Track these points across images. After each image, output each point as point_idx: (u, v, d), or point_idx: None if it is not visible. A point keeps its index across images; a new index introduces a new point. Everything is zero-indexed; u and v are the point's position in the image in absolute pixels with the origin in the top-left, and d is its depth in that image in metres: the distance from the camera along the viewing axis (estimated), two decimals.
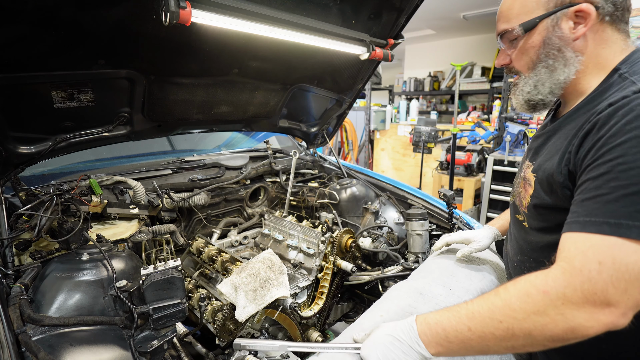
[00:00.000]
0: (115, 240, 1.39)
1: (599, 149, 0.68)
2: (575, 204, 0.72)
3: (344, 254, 1.56)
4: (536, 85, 0.87)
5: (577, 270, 0.63)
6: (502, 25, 0.90)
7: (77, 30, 1.05)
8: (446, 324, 0.74)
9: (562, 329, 0.63)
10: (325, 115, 2.28)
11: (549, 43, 0.83)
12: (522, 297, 0.68)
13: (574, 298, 0.62)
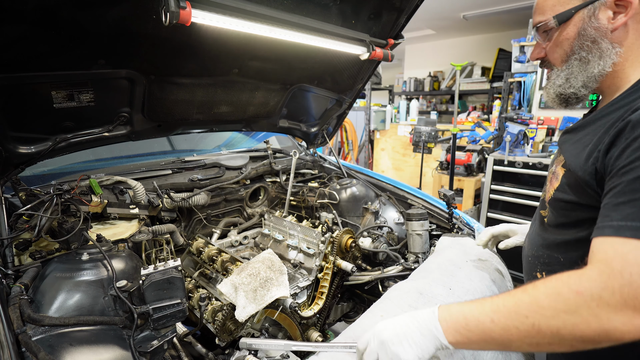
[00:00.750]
0: (115, 240, 1.39)
1: (635, 151, 0.64)
2: (608, 208, 0.67)
3: (344, 254, 1.56)
4: (568, 79, 0.84)
5: (617, 273, 0.59)
6: (537, 17, 0.86)
7: (77, 30, 1.05)
8: (468, 313, 0.71)
9: (595, 330, 0.60)
10: (325, 115, 2.28)
11: (583, 34, 0.79)
12: (552, 295, 0.64)
13: (612, 301, 0.59)
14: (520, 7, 4.95)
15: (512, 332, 0.66)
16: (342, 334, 1.01)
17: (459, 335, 0.71)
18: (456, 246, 1.47)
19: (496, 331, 0.67)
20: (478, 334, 0.69)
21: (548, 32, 0.85)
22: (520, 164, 3.01)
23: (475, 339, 0.70)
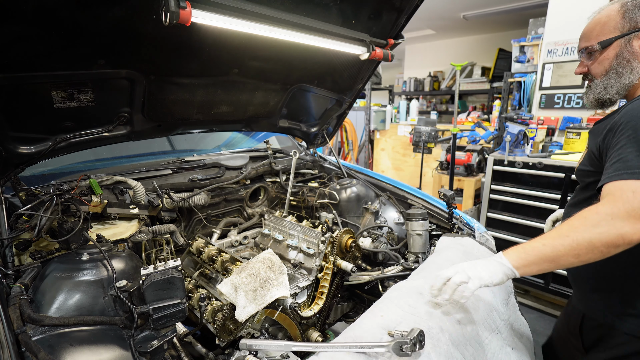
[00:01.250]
0: (115, 240, 1.39)
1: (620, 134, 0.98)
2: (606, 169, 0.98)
3: (344, 254, 1.56)
4: (605, 87, 1.11)
5: (618, 198, 0.88)
6: (583, 43, 1.15)
7: (77, 30, 1.05)
8: (524, 244, 0.97)
9: (614, 236, 0.86)
10: (325, 115, 2.28)
11: (620, 56, 1.07)
12: (580, 218, 0.91)
13: (620, 214, 0.86)
14: (520, 7, 4.95)
15: (559, 249, 0.91)
16: (342, 334, 1.01)
17: (520, 260, 0.95)
18: (456, 246, 1.47)
19: (547, 251, 0.92)
20: (534, 255, 0.94)
21: (592, 54, 1.13)
22: (520, 164, 3.01)
23: (533, 260, 0.94)
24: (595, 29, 1.12)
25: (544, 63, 3.49)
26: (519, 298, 1.45)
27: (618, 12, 1.08)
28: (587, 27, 1.15)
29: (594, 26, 1.13)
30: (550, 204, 2.88)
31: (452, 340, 1.01)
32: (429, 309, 1.08)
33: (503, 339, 1.22)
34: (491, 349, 1.14)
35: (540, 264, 0.94)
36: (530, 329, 1.40)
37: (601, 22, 1.11)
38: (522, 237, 3.09)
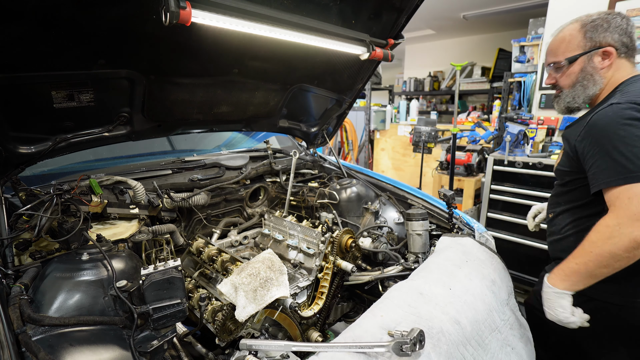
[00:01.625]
0: (115, 240, 1.39)
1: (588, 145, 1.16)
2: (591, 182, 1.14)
3: (344, 254, 1.56)
4: (574, 97, 1.29)
5: (618, 207, 1.01)
6: (551, 58, 1.32)
7: (77, 30, 1.05)
8: (561, 266, 1.17)
9: (628, 241, 0.98)
10: (325, 115, 2.28)
11: (584, 70, 1.24)
12: (595, 234, 1.06)
13: (625, 222, 0.98)
14: (520, 7, 4.95)
15: (589, 265, 1.07)
16: (342, 334, 1.01)
17: (564, 282, 1.14)
18: (456, 246, 1.47)
19: (581, 269, 1.09)
20: (572, 275, 1.12)
21: (560, 68, 1.29)
22: (520, 164, 3.01)
23: (574, 279, 1.12)
24: (561, 46, 1.28)
25: (544, 63, 3.49)
26: (519, 298, 1.46)
27: (579, 31, 1.25)
28: (553, 44, 1.32)
29: (559, 44, 1.29)
30: None
31: (452, 340, 1.01)
32: (429, 309, 1.08)
33: (503, 339, 1.22)
34: (491, 349, 1.14)
35: (584, 281, 1.12)
36: None
37: (566, 41, 1.27)
38: (522, 237, 3.09)
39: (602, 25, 1.22)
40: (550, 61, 1.32)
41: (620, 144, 1.04)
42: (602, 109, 1.14)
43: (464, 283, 1.23)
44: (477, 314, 1.15)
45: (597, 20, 1.23)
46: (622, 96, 1.14)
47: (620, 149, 1.03)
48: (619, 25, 1.21)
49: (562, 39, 1.28)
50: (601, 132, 1.10)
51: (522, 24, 5.18)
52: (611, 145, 1.06)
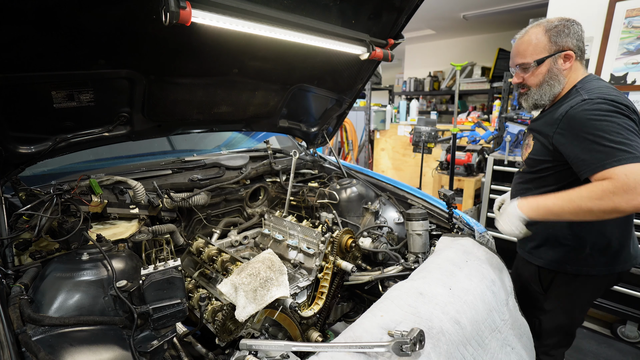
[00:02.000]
0: (115, 240, 1.39)
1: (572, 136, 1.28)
2: (583, 166, 1.24)
3: (344, 254, 1.56)
4: (541, 95, 1.42)
5: (615, 180, 1.12)
6: (519, 59, 1.42)
7: (77, 30, 1.05)
8: (537, 200, 1.28)
9: (611, 207, 1.12)
10: (325, 115, 2.28)
11: (551, 71, 1.38)
12: (587, 191, 1.16)
13: (618, 191, 1.10)
14: (520, 7, 4.95)
15: (564, 209, 1.20)
16: (342, 334, 1.01)
17: (532, 212, 1.27)
18: (456, 246, 1.47)
19: (554, 208, 1.22)
20: (543, 210, 1.25)
21: (527, 69, 1.41)
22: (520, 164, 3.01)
23: (541, 213, 1.25)
24: (528, 49, 1.40)
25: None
26: None
27: (544, 35, 1.38)
28: (520, 46, 1.43)
29: (527, 46, 1.40)
30: None
31: (452, 340, 1.01)
32: (429, 309, 1.08)
33: (503, 339, 1.22)
34: (491, 349, 1.14)
35: (547, 216, 1.26)
36: None
37: (532, 43, 1.39)
38: None
39: (564, 31, 1.38)
40: (519, 62, 1.43)
41: (606, 134, 1.19)
42: (576, 105, 1.27)
43: (464, 283, 1.23)
44: (477, 314, 1.15)
45: (559, 26, 1.38)
46: (587, 93, 1.30)
47: (608, 137, 1.18)
48: (576, 32, 1.40)
49: (529, 42, 1.40)
50: (583, 125, 1.24)
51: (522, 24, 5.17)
52: (597, 135, 1.20)
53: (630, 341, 2.69)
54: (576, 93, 1.35)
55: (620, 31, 3.07)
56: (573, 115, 1.27)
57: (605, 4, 3.10)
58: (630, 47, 3.06)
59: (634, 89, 3.09)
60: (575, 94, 1.35)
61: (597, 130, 1.20)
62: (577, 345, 2.67)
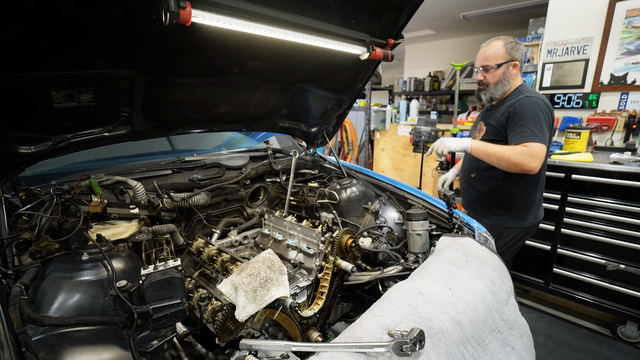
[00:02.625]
0: (115, 240, 1.38)
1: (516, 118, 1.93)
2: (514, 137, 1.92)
3: (344, 254, 1.56)
4: (496, 91, 2.06)
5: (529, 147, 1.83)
6: (484, 62, 2.04)
7: (77, 30, 1.05)
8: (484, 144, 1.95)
9: (519, 162, 1.83)
10: (325, 115, 2.28)
11: (505, 74, 2.02)
12: (513, 148, 1.86)
13: (528, 154, 1.82)
14: (520, 7, 4.95)
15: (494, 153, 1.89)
16: (342, 334, 1.01)
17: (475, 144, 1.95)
18: (456, 246, 1.47)
19: (489, 150, 1.90)
20: (483, 148, 1.93)
21: (489, 70, 2.03)
22: None
23: (481, 149, 1.93)
24: (491, 55, 2.01)
25: (544, 63, 3.49)
26: (519, 298, 1.46)
27: (503, 47, 1.99)
28: (485, 52, 2.03)
29: (490, 53, 2.01)
30: (550, 204, 2.88)
31: (452, 340, 1.01)
32: (429, 309, 1.08)
33: (503, 339, 1.22)
34: (491, 349, 1.14)
35: (481, 153, 1.93)
36: (530, 329, 1.40)
37: (494, 52, 2.00)
38: None
39: (515, 47, 1.98)
40: (483, 64, 2.03)
41: (537, 121, 1.87)
42: (522, 99, 1.94)
43: (464, 283, 1.23)
44: (477, 314, 1.15)
45: (512, 43, 1.98)
46: (527, 93, 1.97)
47: (537, 123, 1.86)
48: (521, 49, 1.99)
49: (492, 50, 2.00)
50: (526, 113, 1.89)
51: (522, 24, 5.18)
52: (532, 121, 1.87)
53: (630, 341, 2.69)
54: (519, 93, 2.01)
55: (620, 31, 3.07)
56: (521, 106, 1.91)
57: (605, 4, 3.10)
58: (630, 47, 3.06)
59: (634, 89, 3.10)
60: (518, 94, 2.01)
61: (530, 117, 1.87)
62: (577, 345, 2.67)
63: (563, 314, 3.08)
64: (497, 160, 1.85)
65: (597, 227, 2.71)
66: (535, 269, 3.07)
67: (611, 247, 2.66)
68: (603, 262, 2.68)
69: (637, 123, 3.06)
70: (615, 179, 2.58)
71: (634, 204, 2.53)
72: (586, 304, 2.82)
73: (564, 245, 2.89)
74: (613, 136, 3.24)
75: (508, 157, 1.82)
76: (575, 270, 2.85)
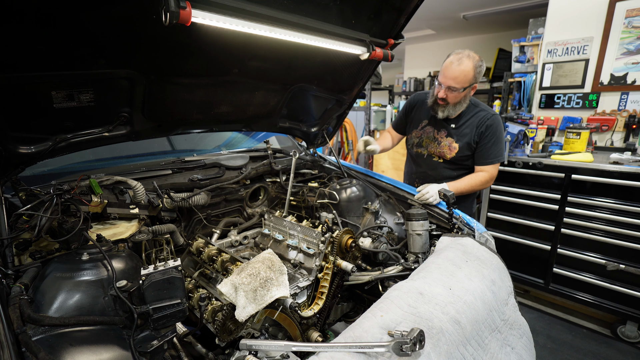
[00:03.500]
0: (115, 240, 1.38)
1: (488, 137, 2.12)
2: (485, 156, 2.14)
3: (344, 254, 1.56)
4: (455, 110, 2.13)
5: (489, 173, 2.15)
6: (452, 83, 2.01)
7: (77, 30, 1.05)
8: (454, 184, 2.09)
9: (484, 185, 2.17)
10: (325, 115, 2.28)
11: (466, 95, 2.09)
12: (476, 178, 2.14)
13: (489, 180, 2.16)
14: (520, 7, 4.95)
15: (466, 188, 2.11)
16: (342, 334, 1.01)
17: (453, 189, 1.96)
18: (456, 246, 1.47)
19: (461, 189, 2.09)
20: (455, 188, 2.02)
21: (454, 91, 2.02)
22: (520, 164, 3.01)
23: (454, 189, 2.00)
24: (460, 77, 1.99)
25: (544, 63, 3.49)
26: (519, 298, 1.46)
27: (472, 70, 1.99)
28: (455, 73, 1.99)
29: (459, 75, 1.99)
30: (550, 204, 2.88)
31: (452, 340, 1.01)
32: (429, 309, 1.08)
33: (503, 339, 1.22)
34: (491, 349, 1.14)
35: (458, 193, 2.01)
36: (530, 329, 1.40)
37: (464, 74, 1.99)
38: (522, 237, 3.09)
39: (481, 71, 2.03)
40: (451, 85, 2.01)
41: (502, 140, 2.13)
42: (490, 118, 2.11)
43: (464, 283, 1.23)
44: (477, 314, 1.15)
45: (480, 67, 2.02)
46: (484, 108, 2.16)
47: (502, 142, 2.13)
48: (482, 73, 2.05)
49: (463, 73, 1.98)
50: (497, 133, 2.11)
51: (522, 24, 5.18)
52: (500, 142, 2.12)
53: (630, 341, 2.69)
54: (476, 107, 2.17)
55: (620, 31, 3.07)
56: (492, 124, 2.09)
57: (605, 4, 3.10)
58: (630, 47, 3.06)
59: (634, 89, 3.10)
60: (475, 109, 2.16)
61: (499, 138, 2.12)
62: (577, 345, 2.68)
63: (563, 314, 3.08)
64: (469, 190, 2.12)
65: (597, 227, 2.71)
66: (535, 269, 3.07)
67: (611, 247, 2.66)
68: (603, 262, 2.68)
69: (637, 123, 3.06)
70: (615, 179, 2.58)
71: (634, 204, 2.53)
72: (586, 304, 2.82)
73: (564, 245, 2.89)
74: (613, 136, 3.24)
75: (476, 187, 2.12)
76: (575, 270, 2.85)
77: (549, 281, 2.98)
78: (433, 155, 2.26)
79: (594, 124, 3.24)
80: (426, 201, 1.83)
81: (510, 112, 3.77)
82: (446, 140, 2.18)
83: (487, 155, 2.09)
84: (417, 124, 2.37)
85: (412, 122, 2.42)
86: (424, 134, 2.31)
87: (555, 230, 2.90)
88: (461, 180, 2.09)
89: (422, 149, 2.32)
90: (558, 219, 2.88)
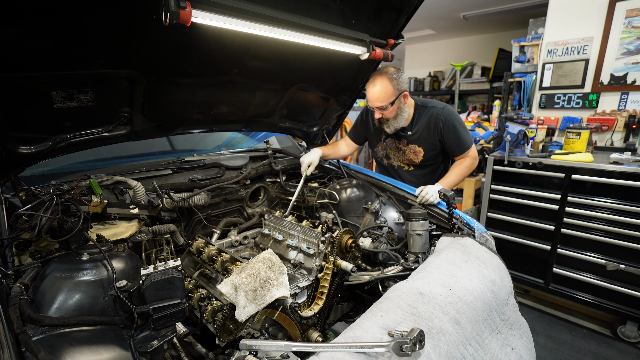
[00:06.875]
0: (115, 240, 1.39)
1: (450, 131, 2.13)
2: (457, 149, 2.16)
3: (344, 254, 1.56)
4: (398, 123, 2.12)
5: (470, 156, 2.17)
6: (378, 103, 2.00)
7: (77, 30, 1.05)
8: (445, 181, 2.10)
9: (471, 169, 2.17)
10: (325, 115, 2.28)
11: (400, 107, 2.06)
12: (463, 167, 2.14)
13: (473, 163, 2.18)
14: (520, 7, 4.95)
15: (457, 181, 2.12)
16: (342, 334, 1.01)
17: (447, 186, 2.05)
18: (456, 246, 1.47)
19: (453, 183, 2.10)
20: (447, 184, 2.07)
21: (384, 109, 2.02)
22: (520, 164, 3.01)
23: (446, 185, 2.07)
24: (381, 95, 1.97)
25: (544, 63, 3.49)
26: (519, 298, 1.46)
27: (390, 83, 1.95)
28: (375, 94, 1.98)
29: (379, 95, 1.97)
30: (551, 204, 2.88)
31: (452, 341, 1.01)
32: (429, 309, 1.08)
33: (503, 339, 1.22)
34: (491, 349, 1.14)
35: (452, 186, 2.09)
36: (530, 329, 1.40)
37: (383, 92, 1.96)
38: (522, 237, 3.09)
39: (399, 79, 1.98)
40: (378, 105, 2.01)
41: (462, 125, 2.15)
42: (440, 112, 2.11)
43: (464, 283, 1.23)
44: (477, 314, 1.15)
45: (396, 77, 1.97)
46: (433, 104, 2.16)
47: (463, 127, 2.15)
48: (404, 78, 2.02)
49: (381, 90, 1.96)
50: (454, 123, 2.11)
51: (522, 24, 5.18)
52: (461, 128, 2.13)
53: (630, 341, 2.69)
54: (424, 108, 2.16)
55: (620, 31, 3.07)
56: (444, 120, 2.10)
57: (605, 4, 3.10)
58: (630, 47, 3.06)
59: (634, 89, 3.09)
60: (424, 110, 2.16)
61: (458, 126, 2.12)
62: (577, 345, 2.68)
63: (563, 314, 3.08)
64: (461, 180, 2.15)
65: (597, 227, 2.71)
66: (535, 269, 3.07)
67: (611, 247, 2.66)
68: (603, 262, 2.68)
69: (637, 123, 3.06)
70: (615, 179, 2.58)
71: (634, 204, 2.53)
72: (586, 304, 2.82)
73: (564, 245, 2.89)
74: (613, 136, 3.23)
75: (466, 173, 2.14)
76: (575, 270, 2.85)
77: (549, 281, 2.98)
78: (402, 165, 2.33)
79: (594, 124, 3.23)
80: (427, 201, 1.83)
81: (510, 112, 3.77)
82: (409, 147, 2.23)
83: (459, 145, 2.11)
84: (379, 137, 2.37)
85: (373, 136, 2.40)
86: (388, 147, 2.35)
87: (555, 230, 2.90)
88: (450, 174, 2.11)
89: (391, 160, 2.37)
90: (558, 219, 2.88)
